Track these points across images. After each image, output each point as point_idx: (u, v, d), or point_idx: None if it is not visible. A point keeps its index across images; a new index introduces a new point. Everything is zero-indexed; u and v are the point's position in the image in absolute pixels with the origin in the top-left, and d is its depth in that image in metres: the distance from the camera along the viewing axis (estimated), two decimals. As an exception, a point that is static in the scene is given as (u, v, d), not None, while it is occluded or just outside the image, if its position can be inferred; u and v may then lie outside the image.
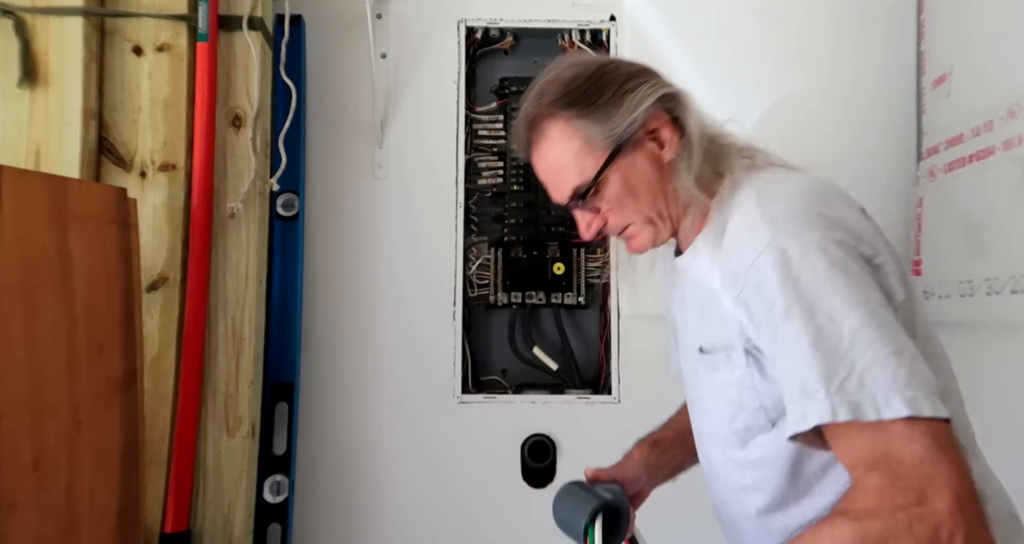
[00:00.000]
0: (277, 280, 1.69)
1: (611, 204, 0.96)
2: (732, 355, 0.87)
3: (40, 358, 0.94)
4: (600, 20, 1.83)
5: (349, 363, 1.77)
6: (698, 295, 0.96)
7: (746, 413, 0.88)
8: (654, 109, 0.95)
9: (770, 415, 0.86)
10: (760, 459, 0.88)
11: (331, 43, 1.80)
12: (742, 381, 0.87)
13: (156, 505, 1.40)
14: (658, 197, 0.96)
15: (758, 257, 0.81)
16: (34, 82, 1.38)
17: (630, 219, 0.97)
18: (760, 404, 0.86)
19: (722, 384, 0.90)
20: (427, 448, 1.76)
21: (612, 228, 0.98)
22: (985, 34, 1.48)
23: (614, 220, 0.97)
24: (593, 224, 0.98)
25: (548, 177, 0.99)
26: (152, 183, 1.45)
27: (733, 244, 0.87)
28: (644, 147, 0.95)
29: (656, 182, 0.96)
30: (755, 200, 0.87)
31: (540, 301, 1.83)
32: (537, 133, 0.97)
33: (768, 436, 0.87)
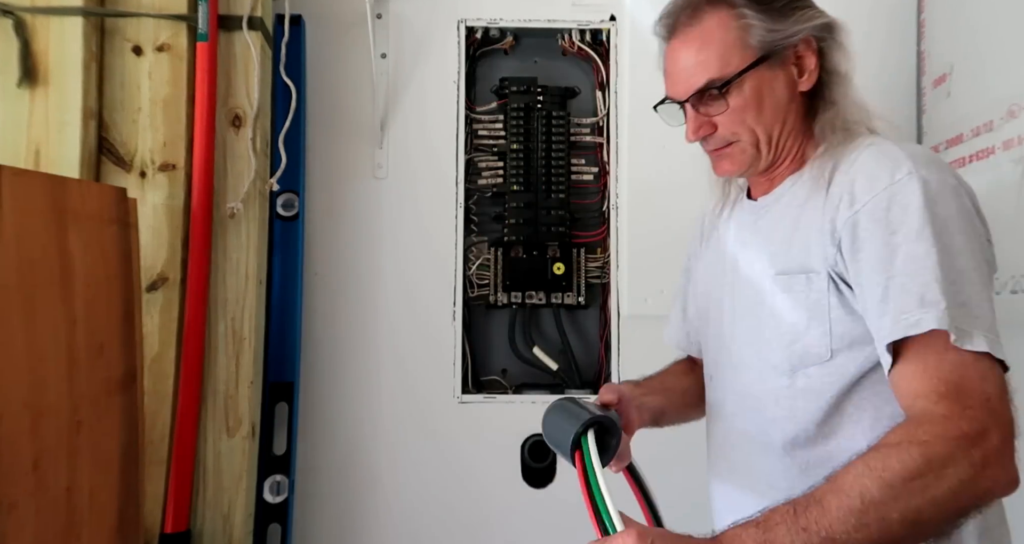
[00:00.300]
0: (277, 280, 1.69)
1: (733, 111, 0.94)
2: (813, 279, 0.90)
3: (40, 358, 0.94)
4: (600, 20, 1.83)
5: (349, 363, 1.77)
6: (778, 229, 0.97)
7: (809, 338, 0.90)
8: (811, 34, 0.95)
9: (833, 343, 0.88)
10: (806, 389, 0.91)
11: (331, 43, 1.80)
12: (816, 305, 0.89)
13: (156, 505, 1.40)
14: (778, 122, 0.96)
15: (896, 182, 0.84)
16: (34, 82, 1.38)
17: (741, 135, 0.96)
18: (827, 330, 0.88)
19: (792, 307, 0.92)
20: (427, 448, 1.76)
21: (717, 139, 0.97)
22: (985, 34, 1.48)
23: (725, 130, 0.96)
24: (702, 128, 0.97)
25: (680, 65, 0.97)
26: (152, 183, 1.45)
27: (861, 169, 0.88)
28: (787, 68, 0.95)
29: (784, 106, 0.96)
30: (884, 143, 0.90)
31: (540, 301, 1.83)
32: (693, 17, 0.95)
33: (821, 368, 0.89)
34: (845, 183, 0.89)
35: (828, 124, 0.96)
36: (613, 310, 1.78)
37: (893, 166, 0.85)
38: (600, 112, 1.86)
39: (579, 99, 1.89)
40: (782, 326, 0.93)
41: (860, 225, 0.85)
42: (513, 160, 1.83)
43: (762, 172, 1.00)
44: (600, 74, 1.85)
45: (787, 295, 0.93)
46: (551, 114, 1.84)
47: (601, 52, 1.84)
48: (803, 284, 0.91)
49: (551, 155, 1.83)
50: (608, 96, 1.84)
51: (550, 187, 1.82)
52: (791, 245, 0.94)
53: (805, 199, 0.94)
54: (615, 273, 1.80)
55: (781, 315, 0.93)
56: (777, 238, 0.97)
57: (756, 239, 1.01)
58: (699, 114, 0.96)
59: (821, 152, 0.95)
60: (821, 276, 0.89)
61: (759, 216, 1.02)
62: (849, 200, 0.87)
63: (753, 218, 1.03)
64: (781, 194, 0.99)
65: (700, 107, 0.96)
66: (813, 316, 0.90)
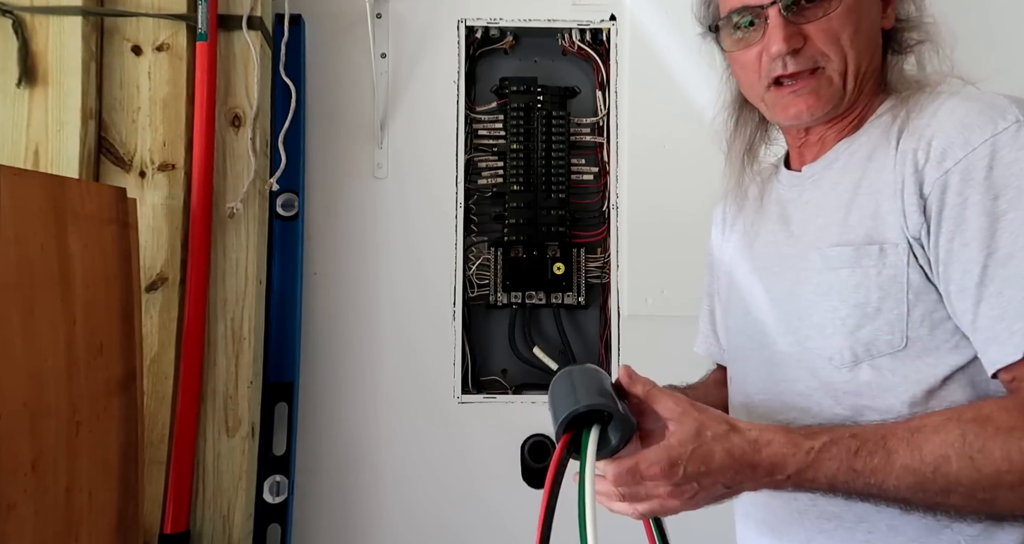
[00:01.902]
0: (277, 280, 1.69)
1: (834, 20, 0.79)
2: (888, 251, 0.75)
3: (39, 358, 0.94)
4: (600, 20, 1.83)
5: (349, 363, 1.77)
6: (831, 198, 0.83)
7: (880, 322, 0.75)
8: None
9: (910, 330, 0.74)
10: (871, 384, 0.76)
11: (331, 43, 1.80)
12: (891, 282, 0.74)
13: (155, 505, 1.40)
14: (868, 52, 0.82)
15: (1001, 132, 0.69)
16: (33, 82, 1.38)
17: (832, 56, 0.81)
18: (904, 313, 0.74)
19: (857, 285, 0.76)
20: (427, 448, 1.76)
21: (804, 59, 0.81)
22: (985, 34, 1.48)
23: (817, 47, 0.80)
24: (794, 38, 0.80)
25: None
26: (151, 183, 1.45)
27: (948, 117, 0.74)
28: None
29: (875, 34, 0.83)
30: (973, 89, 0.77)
31: (540, 301, 1.82)
32: None
33: (894, 358, 0.75)
34: (925, 135, 0.74)
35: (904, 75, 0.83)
36: (613, 310, 1.78)
37: (995, 112, 0.71)
38: (600, 112, 1.86)
39: (579, 99, 1.89)
40: (841, 309, 0.77)
41: (951, 187, 0.70)
42: (513, 160, 1.82)
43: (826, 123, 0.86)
44: (600, 74, 1.85)
45: (851, 271, 0.77)
46: (551, 114, 1.84)
47: (601, 52, 1.84)
48: (874, 257, 0.75)
49: (551, 155, 1.83)
50: (608, 96, 1.84)
51: (550, 187, 1.82)
52: (849, 213, 0.80)
53: (866, 159, 0.81)
54: (615, 273, 1.80)
55: (841, 295, 0.78)
56: (830, 207, 0.83)
57: (801, 213, 0.87)
58: (788, 22, 0.80)
59: (887, 108, 0.82)
60: (899, 248, 0.74)
61: (805, 188, 0.88)
62: (939, 156, 0.72)
63: (797, 191, 0.89)
64: (833, 159, 0.85)
65: (792, 14, 0.80)
66: (886, 295, 0.74)
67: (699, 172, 1.77)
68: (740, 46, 0.85)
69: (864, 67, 0.82)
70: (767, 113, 0.90)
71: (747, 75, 0.87)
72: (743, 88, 0.92)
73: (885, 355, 0.75)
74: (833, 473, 0.66)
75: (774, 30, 0.80)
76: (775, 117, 0.88)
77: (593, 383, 0.75)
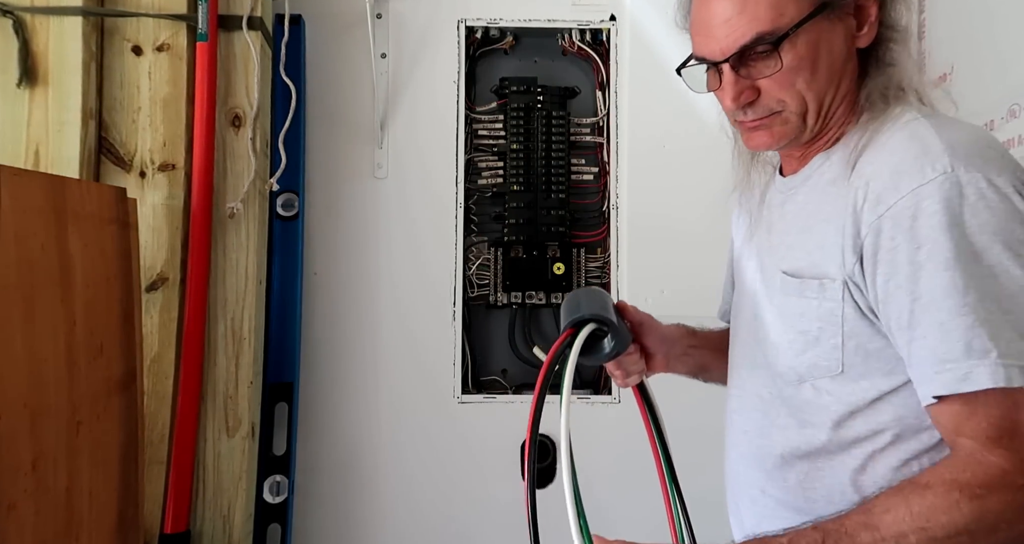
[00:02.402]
0: (277, 280, 1.69)
1: (783, 72, 0.79)
2: (827, 286, 0.79)
3: (39, 358, 0.94)
4: (600, 20, 1.83)
5: (349, 363, 1.77)
6: (799, 217, 0.86)
7: (819, 350, 0.80)
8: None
9: (845, 358, 0.79)
10: (811, 401, 0.82)
11: (331, 43, 1.80)
12: (829, 315, 0.79)
13: (156, 505, 1.40)
14: (832, 87, 0.81)
15: (927, 184, 0.71)
16: (33, 82, 1.38)
17: (788, 102, 0.81)
18: (839, 343, 0.79)
19: (801, 314, 0.81)
20: (427, 448, 1.76)
21: (760, 108, 0.82)
22: (985, 34, 1.48)
23: (771, 96, 0.81)
24: (745, 94, 0.81)
25: (719, 18, 0.80)
26: (152, 183, 1.45)
27: (887, 160, 0.76)
28: (847, 19, 0.81)
29: (840, 66, 0.81)
30: (926, 121, 0.77)
31: (540, 301, 1.82)
32: None
33: (832, 381, 0.80)
34: (870, 173, 0.76)
35: (878, 90, 0.82)
36: (613, 310, 1.78)
37: (926, 161, 0.72)
38: (600, 112, 1.86)
39: (579, 99, 1.89)
40: (789, 333, 0.83)
41: (883, 232, 0.73)
42: (513, 160, 1.82)
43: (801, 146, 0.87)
44: (600, 74, 1.85)
45: (797, 300, 0.82)
46: (551, 114, 1.84)
47: (601, 52, 1.84)
48: (815, 290, 0.80)
49: (551, 155, 1.83)
50: (608, 96, 1.84)
51: (550, 187, 1.82)
52: (807, 241, 0.83)
53: (829, 184, 0.82)
54: (615, 273, 1.80)
55: (791, 320, 0.83)
56: (791, 229, 0.86)
57: (781, 225, 0.90)
58: (740, 77, 0.81)
59: (856, 127, 0.82)
60: (836, 283, 0.78)
61: (787, 198, 0.90)
62: (874, 199, 0.74)
63: (781, 199, 0.91)
64: (808, 175, 0.87)
65: (743, 68, 0.80)
66: (825, 325, 0.79)
67: (699, 172, 1.78)
68: (702, 87, 0.87)
69: (828, 101, 0.83)
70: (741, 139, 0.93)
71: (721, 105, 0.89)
72: None
73: (824, 377, 0.81)
74: None
75: (726, 86, 0.82)
76: (744, 144, 0.90)
77: (597, 301, 0.89)
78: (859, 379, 0.78)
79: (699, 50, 0.84)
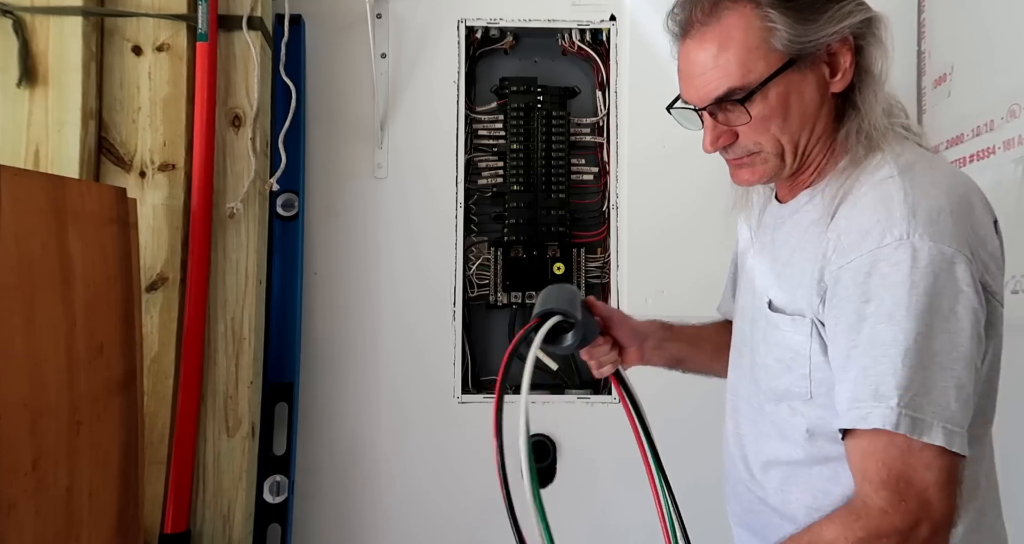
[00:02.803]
0: (277, 280, 1.69)
1: (756, 121, 0.85)
2: (798, 322, 0.86)
3: (39, 358, 0.94)
4: (600, 20, 1.83)
5: (349, 363, 1.77)
6: (787, 247, 0.92)
7: (791, 377, 0.88)
8: (848, 32, 0.85)
9: (813, 387, 0.86)
10: (786, 419, 0.90)
11: (331, 43, 1.80)
12: (799, 348, 0.86)
13: (156, 505, 1.40)
14: (805, 130, 0.87)
15: (884, 246, 0.77)
16: (33, 82, 1.38)
17: (764, 145, 0.87)
18: (807, 373, 0.86)
19: (778, 343, 0.89)
20: (427, 448, 1.76)
21: (738, 149, 0.89)
22: (985, 34, 1.48)
23: (746, 140, 0.87)
24: (722, 138, 0.88)
25: (696, 69, 0.86)
26: (152, 183, 1.45)
27: (857, 218, 0.81)
28: (818, 68, 0.86)
29: (813, 111, 0.87)
30: (899, 180, 0.81)
31: (540, 301, 1.82)
32: (712, 15, 0.85)
33: (804, 404, 0.87)
34: (843, 227, 0.83)
35: (852, 132, 0.87)
36: (613, 310, 1.78)
37: (888, 224, 0.78)
38: (600, 112, 1.86)
39: (579, 99, 1.89)
40: (769, 358, 0.91)
41: (841, 282, 0.80)
42: (513, 160, 1.82)
43: (786, 178, 0.93)
44: (600, 74, 1.85)
45: (775, 330, 0.90)
46: (551, 114, 1.84)
47: (601, 52, 1.84)
48: (788, 324, 0.88)
49: (551, 155, 1.83)
50: (608, 96, 1.84)
51: (550, 187, 1.82)
52: (787, 276, 0.90)
53: (812, 223, 0.88)
54: (615, 273, 1.80)
55: (771, 347, 0.91)
56: (779, 259, 0.93)
57: (771, 250, 0.96)
58: (718, 123, 0.87)
59: (841, 167, 0.87)
60: (806, 320, 0.85)
61: (779, 224, 0.96)
62: (841, 252, 0.81)
63: (775, 224, 0.97)
64: (796, 209, 0.93)
65: (719, 116, 0.87)
66: (796, 357, 0.87)
67: (699, 172, 1.78)
68: (693, 126, 0.94)
69: (804, 142, 0.88)
70: None
71: None
72: None
73: (797, 400, 0.88)
74: None
75: (706, 131, 0.89)
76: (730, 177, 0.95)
77: (565, 296, 1.00)
78: (826, 406, 0.84)
79: (683, 94, 0.92)
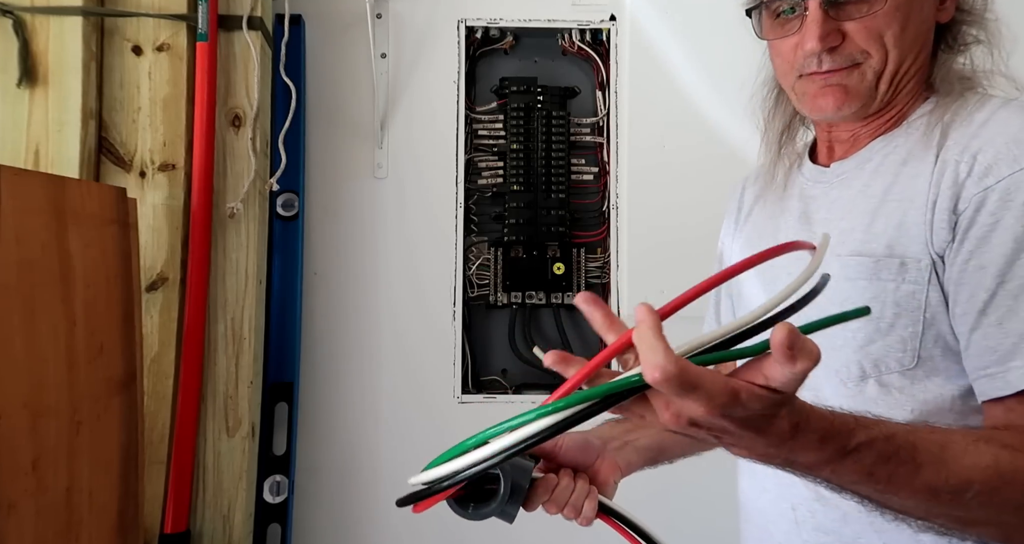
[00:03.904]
0: (277, 280, 1.69)
1: (875, 18, 0.74)
2: (909, 266, 0.71)
3: (39, 358, 0.94)
4: (600, 20, 1.83)
5: (349, 363, 1.77)
6: (858, 201, 0.78)
7: (892, 339, 0.72)
8: None
9: (922, 349, 0.71)
10: (877, 400, 0.73)
11: (331, 43, 1.80)
12: (909, 299, 0.71)
13: (156, 505, 1.40)
14: (913, 50, 0.77)
15: None
16: (33, 82, 1.38)
17: (872, 53, 0.76)
18: (918, 332, 0.71)
19: (872, 298, 0.73)
20: (427, 448, 1.73)
21: (842, 56, 0.76)
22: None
23: (854, 45, 0.76)
24: (831, 36, 0.75)
25: None
26: (152, 183, 1.45)
27: (998, 132, 0.69)
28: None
29: (925, 31, 0.77)
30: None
31: (540, 301, 1.82)
32: None
33: (902, 377, 0.72)
34: (971, 146, 0.70)
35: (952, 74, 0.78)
36: (613, 310, 1.78)
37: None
38: (600, 112, 1.86)
39: (579, 99, 1.89)
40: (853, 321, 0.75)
41: (987, 206, 0.66)
42: (513, 160, 1.82)
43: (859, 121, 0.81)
44: (600, 74, 1.85)
45: (868, 283, 0.73)
46: (551, 114, 1.84)
47: (601, 52, 1.84)
48: (894, 271, 0.72)
49: (551, 155, 1.83)
50: (608, 96, 1.84)
51: (550, 187, 1.82)
52: (874, 220, 0.75)
53: (901, 163, 0.76)
54: (615, 273, 1.80)
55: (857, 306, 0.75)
56: (857, 211, 0.78)
57: (825, 214, 0.82)
58: (828, 18, 0.75)
59: (928, 109, 0.77)
60: (922, 264, 0.70)
61: (832, 185, 0.83)
62: (983, 170, 0.67)
63: (823, 188, 0.84)
64: (867, 158, 0.80)
65: (832, 9, 0.75)
66: (902, 312, 0.71)
67: (699, 172, 1.78)
68: (777, 34, 0.81)
69: (907, 67, 0.77)
70: (796, 103, 0.85)
71: (781, 63, 0.83)
72: (777, 74, 0.88)
73: (894, 373, 0.73)
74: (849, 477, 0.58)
75: (811, 25, 0.76)
76: (802, 108, 0.83)
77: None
78: (933, 375, 0.71)
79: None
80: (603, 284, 1.84)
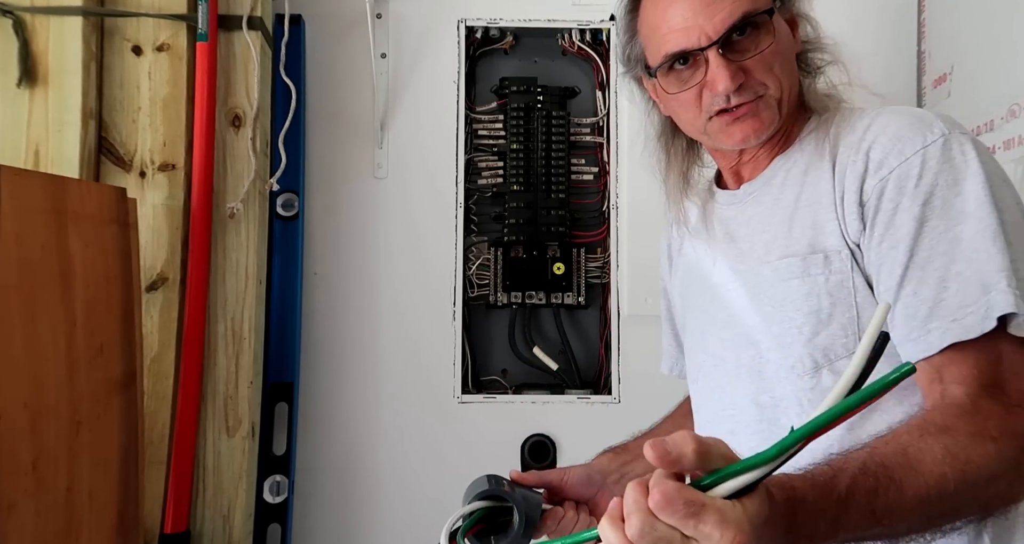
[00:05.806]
0: (277, 280, 1.69)
1: (764, 55, 0.84)
2: (832, 258, 0.80)
3: (39, 358, 0.94)
4: (600, 20, 1.83)
5: (349, 363, 1.77)
6: (773, 212, 0.88)
7: (833, 327, 0.79)
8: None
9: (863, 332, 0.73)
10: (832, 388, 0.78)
11: (331, 43, 1.80)
12: (839, 288, 0.79)
13: (156, 505, 1.40)
14: (793, 75, 0.88)
15: (930, 145, 0.76)
16: (33, 82, 1.38)
17: (769, 84, 0.85)
18: (854, 317, 0.78)
19: (808, 294, 0.80)
20: (427, 448, 1.75)
21: (748, 90, 0.84)
22: (985, 34, 1.48)
23: (756, 79, 0.85)
24: (738, 75, 0.83)
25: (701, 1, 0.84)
26: (152, 183, 1.45)
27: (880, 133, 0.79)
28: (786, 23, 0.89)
29: (792, 60, 0.89)
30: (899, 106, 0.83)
31: (540, 301, 1.82)
32: None
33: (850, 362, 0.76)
34: (862, 147, 0.80)
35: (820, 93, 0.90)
36: (613, 310, 1.78)
37: (923, 126, 0.78)
38: (600, 112, 1.86)
39: (579, 99, 1.89)
40: (797, 317, 0.81)
41: (886, 193, 0.76)
42: (513, 160, 1.82)
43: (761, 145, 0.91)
44: (600, 74, 1.85)
45: (801, 280, 0.81)
46: (551, 114, 1.84)
47: (601, 52, 1.84)
48: (820, 265, 0.80)
49: (551, 155, 1.83)
50: (608, 96, 1.84)
51: (550, 187, 1.82)
52: (792, 225, 0.85)
53: (803, 173, 0.86)
54: (615, 273, 1.80)
55: (795, 304, 0.81)
56: (775, 221, 0.87)
57: (746, 229, 0.91)
58: (729, 61, 0.83)
59: (813, 127, 0.88)
60: (842, 254, 0.79)
61: (746, 204, 0.93)
62: (876, 164, 0.78)
63: (738, 208, 0.94)
64: (771, 176, 0.90)
65: (729, 52, 0.83)
66: (836, 301, 0.79)
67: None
68: (680, 87, 0.88)
69: (790, 92, 0.88)
70: (708, 141, 0.94)
71: (687, 111, 0.90)
72: (681, 123, 0.96)
73: (842, 359, 0.79)
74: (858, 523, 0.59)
75: (718, 71, 0.83)
76: (719, 143, 0.91)
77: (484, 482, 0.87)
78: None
79: (675, 45, 0.85)
80: (603, 284, 1.84)
